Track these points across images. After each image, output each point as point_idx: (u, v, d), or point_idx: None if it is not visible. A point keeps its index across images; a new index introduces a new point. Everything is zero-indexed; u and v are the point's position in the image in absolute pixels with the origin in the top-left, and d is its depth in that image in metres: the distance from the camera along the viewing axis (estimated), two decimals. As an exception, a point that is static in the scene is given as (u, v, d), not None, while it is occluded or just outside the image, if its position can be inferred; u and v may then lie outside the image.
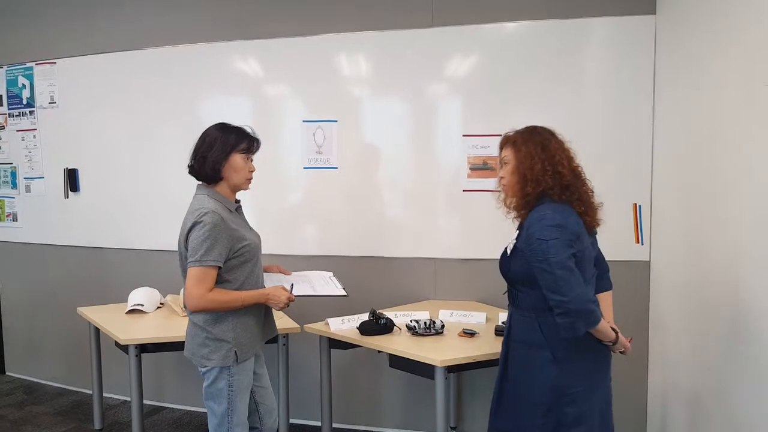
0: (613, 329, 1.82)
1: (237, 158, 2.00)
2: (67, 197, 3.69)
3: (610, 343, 1.82)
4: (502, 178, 1.91)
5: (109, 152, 3.58)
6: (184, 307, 2.04)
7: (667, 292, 2.73)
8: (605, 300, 2.02)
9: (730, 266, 2.14)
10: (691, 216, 2.48)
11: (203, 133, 2.03)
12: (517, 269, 1.84)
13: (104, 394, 3.25)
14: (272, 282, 2.19)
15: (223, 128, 2.02)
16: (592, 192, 1.88)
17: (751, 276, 2.01)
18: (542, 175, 1.77)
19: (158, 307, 3.02)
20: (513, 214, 1.91)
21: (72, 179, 3.66)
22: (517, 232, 1.90)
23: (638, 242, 2.88)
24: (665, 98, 2.74)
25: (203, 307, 1.92)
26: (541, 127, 1.88)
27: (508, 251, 1.89)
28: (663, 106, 2.76)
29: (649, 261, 2.87)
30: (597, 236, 1.96)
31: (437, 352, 2.21)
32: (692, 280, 2.47)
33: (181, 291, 2.22)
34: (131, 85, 3.49)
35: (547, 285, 1.70)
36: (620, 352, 1.88)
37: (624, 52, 2.84)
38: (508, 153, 1.87)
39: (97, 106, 3.58)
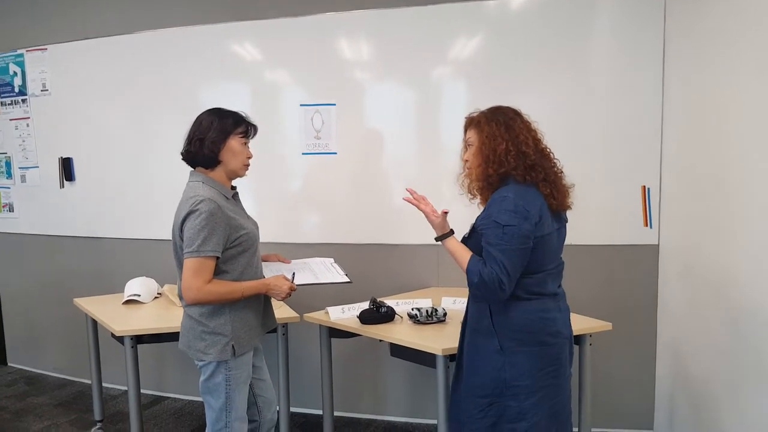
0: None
1: (235, 142, 1.94)
2: (63, 187, 3.64)
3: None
4: (466, 161, 1.85)
5: (103, 140, 3.51)
6: (180, 298, 1.98)
7: (676, 276, 2.67)
8: None
9: (741, 250, 2.08)
10: (701, 198, 2.40)
11: (198, 118, 1.96)
12: (473, 252, 1.78)
13: (106, 385, 3.22)
14: (271, 271, 2.13)
15: (219, 112, 1.96)
16: (562, 173, 1.81)
17: (760, 261, 1.94)
18: (505, 155, 1.72)
19: (155, 297, 2.97)
20: (477, 200, 1.86)
21: (67, 168, 3.60)
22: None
23: (647, 225, 2.80)
24: (675, 77, 2.64)
25: (202, 299, 1.86)
26: (506, 107, 1.81)
27: (467, 234, 1.84)
28: (672, 85, 2.66)
29: (658, 245, 2.80)
30: (567, 222, 1.87)
31: (438, 341, 2.16)
32: (702, 264, 2.40)
33: (178, 281, 2.16)
34: (125, 70, 3.41)
35: (491, 263, 1.67)
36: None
37: (632, 29, 2.74)
38: (471, 134, 1.82)
39: (90, 93, 3.50)
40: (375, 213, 3.11)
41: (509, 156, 1.72)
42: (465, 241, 1.85)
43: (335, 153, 3.12)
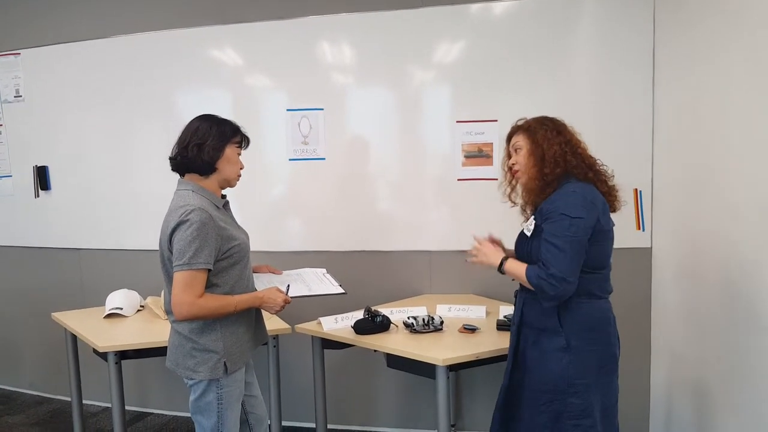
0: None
1: (231, 151, 1.88)
2: (38, 196, 3.50)
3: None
4: (513, 164, 1.88)
5: (80, 147, 3.39)
6: (167, 313, 1.89)
7: (669, 279, 2.66)
8: None
9: (734, 252, 2.08)
10: (694, 201, 2.40)
11: (193, 124, 1.87)
12: (539, 249, 1.78)
13: (85, 401, 3.09)
14: (263, 283, 2.05)
15: (215, 119, 1.89)
16: (613, 176, 1.88)
17: (754, 262, 1.94)
18: (562, 156, 1.77)
19: (138, 310, 2.86)
20: (521, 202, 1.89)
21: (42, 177, 3.47)
22: (533, 216, 1.84)
23: (639, 228, 2.79)
24: (665, 79, 2.64)
25: (193, 315, 1.76)
26: (552, 117, 1.89)
27: (527, 232, 1.84)
28: (663, 87, 2.66)
29: (651, 247, 2.79)
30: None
31: (438, 351, 2.10)
32: (694, 266, 2.40)
33: (162, 293, 2.07)
34: (102, 75, 3.29)
35: (552, 260, 1.69)
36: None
37: (620, 30, 2.73)
38: (519, 139, 1.87)
39: (66, 99, 3.38)
40: (365, 219, 3.05)
41: (566, 156, 1.78)
42: (530, 241, 1.83)
43: (323, 158, 3.05)
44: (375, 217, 3.04)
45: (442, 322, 2.35)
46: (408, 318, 2.35)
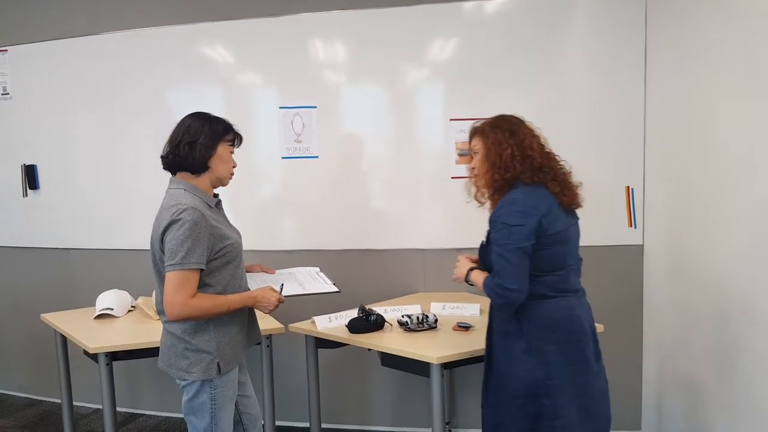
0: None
1: (223, 149, 1.86)
2: (26, 195, 3.45)
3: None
4: (473, 168, 1.89)
5: (69, 146, 3.34)
6: (159, 313, 1.86)
7: (661, 276, 2.68)
8: None
9: (725, 249, 2.10)
10: (686, 198, 2.42)
11: (185, 122, 1.85)
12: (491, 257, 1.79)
13: (75, 403, 3.05)
14: (256, 283, 2.03)
15: (207, 117, 1.87)
16: (569, 173, 1.86)
17: (744, 259, 1.96)
18: (511, 160, 1.76)
19: (129, 311, 2.83)
20: (485, 206, 1.90)
21: (30, 176, 3.42)
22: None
23: (631, 226, 2.81)
24: (657, 77, 2.65)
25: (186, 315, 1.74)
26: (509, 115, 1.87)
27: (484, 240, 1.86)
28: (655, 85, 2.67)
29: (643, 245, 2.81)
30: (579, 221, 1.89)
31: (432, 349, 2.10)
32: (686, 263, 2.42)
33: (153, 293, 2.04)
34: (91, 73, 3.25)
35: (499, 269, 1.71)
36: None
37: (613, 29, 2.74)
38: (477, 142, 1.87)
39: (54, 97, 3.33)
40: (359, 218, 3.04)
41: (515, 161, 1.76)
42: (484, 248, 1.86)
43: (317, 157, 3.03)
44: (369, 215, 3.03)
45: (436, 321, 2.34)
46: (402, 316, 2.34)
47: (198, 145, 1.80)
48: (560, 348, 1.76)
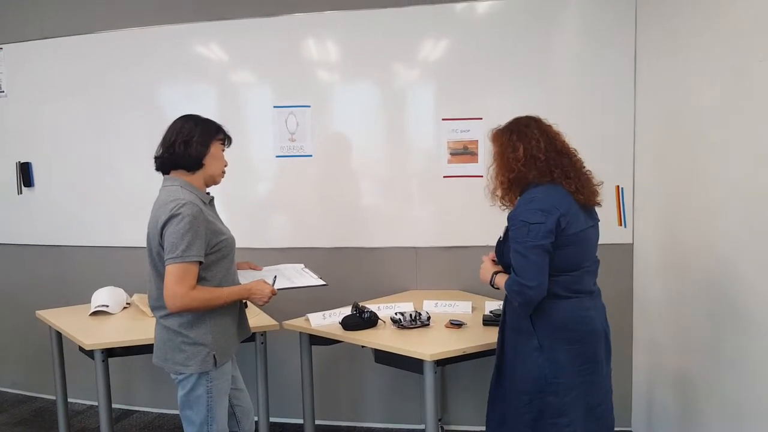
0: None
1: (215, 148, 1.92)
2: (21, 193, 3.45)
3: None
4: (491, 169, 1.94)
5: (64, 143, 3.35)
6: (153, 309, 1.89)
7: (650, 274, 2.72)
8: None
9: (713, 247, 2.13)
10: (675, 197, 2.45)
11: (177, 123, 1.90)
12: (510, 254, 1.81)
13: (69, 400, 3.06)
14: (245, 279, 2.08)
15: (198, 118, 1.94)
16: (585, 169, 1.88)
17: (734, 257, 1.99)
18: (515, 162, 1.80)
19: (124, 308, 2.85)
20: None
21: (25, 173, 3.42)
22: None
23: (621, 225, 2.85)
24: (647, 76, 2.69)
25: (187, 306, 1.79)
26: (525, 116, 1.90)
27: (502, 236, 1.89)
28: (644, 85, 2.71)
29: (632, 243, 2.84)
30: (599, 222, 1.91)
31: (425, 346, 2.13)
32: (675, 261, 2.45)
33: (151, 290, 2.06)
34: (86, 71, 3.25)
35: (517, 267, 1.74)
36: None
37: (603, 29, 2.78)
38: (492, 145, 1.93)
39: (49, 95, 3.34)
40: (352, 216, 3.06)
41: (519, 163, 1.80)
42: (500, 244, 1.89)
43: (311, 155, 3.06)
44: (362, 213, 3.06)
45: (429, 318, 2.37)
46: (395, 314, 2.37)
47: (193, 143, 1.85)
48: (570, 347, 1.79)
